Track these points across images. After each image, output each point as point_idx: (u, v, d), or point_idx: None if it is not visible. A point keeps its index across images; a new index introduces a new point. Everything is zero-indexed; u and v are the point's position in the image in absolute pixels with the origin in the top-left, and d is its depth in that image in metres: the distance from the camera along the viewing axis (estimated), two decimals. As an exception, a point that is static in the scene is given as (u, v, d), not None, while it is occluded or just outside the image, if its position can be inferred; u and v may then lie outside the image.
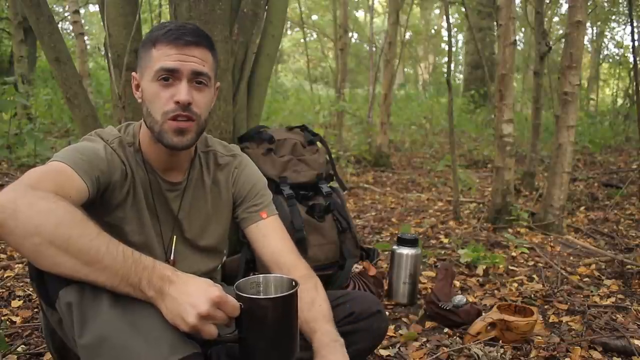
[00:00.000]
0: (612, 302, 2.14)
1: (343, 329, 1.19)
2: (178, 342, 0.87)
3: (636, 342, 1.71)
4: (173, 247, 1.22)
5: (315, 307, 1.16)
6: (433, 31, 18.48)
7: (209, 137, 1.32)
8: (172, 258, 1.22)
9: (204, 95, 1.12)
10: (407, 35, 10.80)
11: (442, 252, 2.84)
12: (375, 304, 1.28)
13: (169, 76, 1.08)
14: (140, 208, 1.17)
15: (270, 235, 1.27)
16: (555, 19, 11.27)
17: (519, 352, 1.67)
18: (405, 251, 2.08)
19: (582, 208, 4.09)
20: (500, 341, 1.72)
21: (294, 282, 1.03)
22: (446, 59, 5.88)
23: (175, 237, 1.23)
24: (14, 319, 1.78)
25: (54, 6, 11.74)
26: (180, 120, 1.09)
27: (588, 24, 7.32)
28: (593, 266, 2.63)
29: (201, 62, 1.10)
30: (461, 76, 14.66)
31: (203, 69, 1.10)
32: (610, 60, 13.14)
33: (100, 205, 1.10)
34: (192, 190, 1.25)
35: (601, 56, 13.30)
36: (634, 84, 4.36)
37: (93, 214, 1.05)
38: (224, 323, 0.90)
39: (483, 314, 1.84)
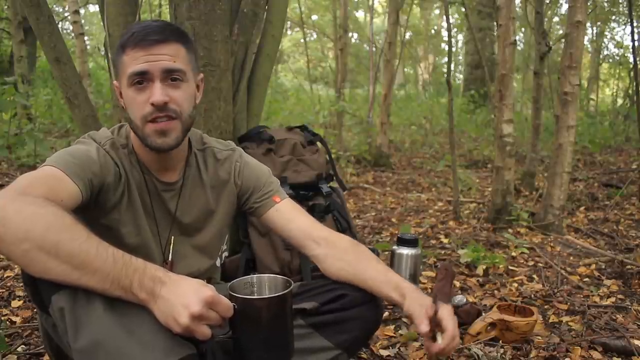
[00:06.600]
0: (612, 302, 2.14)
1: (335, 316, 1.18)
2: (172, 344, 0.86)
3: (636, 342, 1.71)
4: (171, 248, 1.21)
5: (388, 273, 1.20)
6: (433, 31, 18.46)
7: (204, 135, 1.31)
8: (170, 259, 1.20)
9: (182, 91, 1.09)
10: (407, 35, 10.79)
11: (442, 252, 2.84)
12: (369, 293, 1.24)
13: (141, 79, 1.06)
14: (136, 210, 1.15)
15: (293, 214, 1.27)
16: (555, 19, 11.27)
17: (519, 352, 1.67)
18: (405, 251, 2.07)
19: (582, 208, 4.09)
20: (500, 341, 1.72)
21: (288, 282, 1.03)
22: (446, 59, 5.88)
23: (173, 237, 1.22)
24: (14, 319, 1.78)
25: (54, 6, 11.73)
26: (159, 122, 1.07)
27: (588, 24, 7.32)
28: (593, 266, 2.63)
29: (171, 59, 1.07)
30: (461, 76, 14.66)
31: (174, 65, 1.07)
32: (610, 60, 13.14)
33: (95, 207, 1.09)
34: (189, 189, 1.23)
35: (601, 56, 13.28)
36: (634, 84, 4.36)
37: (89, 216, 1.04)
38: (218, 324, 0.89)
39: (483, 314, 1.84)
